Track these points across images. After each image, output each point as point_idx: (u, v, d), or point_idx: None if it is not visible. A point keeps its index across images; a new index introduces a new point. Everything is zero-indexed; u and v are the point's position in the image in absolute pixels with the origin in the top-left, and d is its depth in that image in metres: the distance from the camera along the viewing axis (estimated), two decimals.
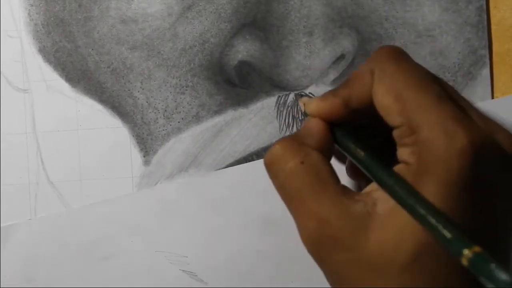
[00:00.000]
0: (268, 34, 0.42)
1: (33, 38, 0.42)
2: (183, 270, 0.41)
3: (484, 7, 0.43)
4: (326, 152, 0.32)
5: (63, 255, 0.41)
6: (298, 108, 0.42)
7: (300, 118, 0.42)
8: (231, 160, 0.42)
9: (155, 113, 0.42)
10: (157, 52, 0.42)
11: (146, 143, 0.42)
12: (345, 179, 0.34)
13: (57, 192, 0.42)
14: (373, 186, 0.30)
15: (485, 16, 0.43)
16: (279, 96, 0.42)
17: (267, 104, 0.42)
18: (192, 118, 0.42)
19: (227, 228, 0.40)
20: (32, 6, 0.42)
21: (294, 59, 0.42)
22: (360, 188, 0.35)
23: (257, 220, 0.41)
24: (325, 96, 0.32)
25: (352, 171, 0.35)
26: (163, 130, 0.42)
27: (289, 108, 0.42)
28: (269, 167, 0.31)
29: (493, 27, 0.43)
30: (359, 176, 0.35)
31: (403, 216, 0.28)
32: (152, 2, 0.42)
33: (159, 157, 0.42)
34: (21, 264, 0.40)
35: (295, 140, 0.31)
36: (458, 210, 0.27)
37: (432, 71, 0.42)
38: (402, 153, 0.29)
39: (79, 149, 0.42)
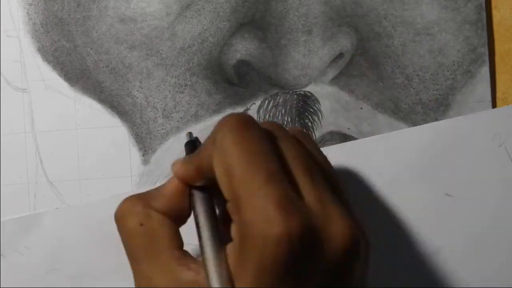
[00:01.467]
0: (266, 33, 0.42)
1: (32, 38, 0.42)
2: None
3: (483, 5, 0.43)
4: (175, 216, 0.32)
5: (89, 246, 0.40)
6: (283, 110, 0.42)
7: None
8: None
9: (154, 112, 0.42)
10: (156, 51, 0.42)
11: (145, 142, 0.42)
12: None
13: (56, 191, 0.42)
14: None
15: (484, 14, 0.43)
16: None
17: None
18: (191, 117, 0.42)
19: None
20: (30, 5, 0.42)
21: (293, 58, 0.42)
22: None
23: None
24: (183, 161, 0.32)
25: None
26: (162, 129, 0.42)
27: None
28: (116, 222, 0.32)
29: (493, 27, 0.43)
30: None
31: None
32: (151, 2, 0.42)
33: (158, 156, 0.42)
34: (46, 254, 0.40)
35: (141, 200, 0.32)
36: None
37: (431, 69, 0.42)
38: (232, 228, 0.29)
39: (78, 149, 0.42)
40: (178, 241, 0.31)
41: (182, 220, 0.33)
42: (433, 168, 0.42)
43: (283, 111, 0.42)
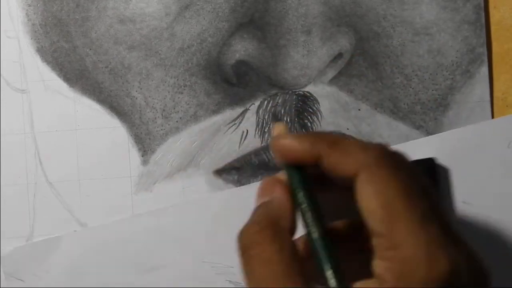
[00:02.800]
0: (265, 33, 0.42)
1: (31, 38, 0.42)
2: (230, 281, 0.40)
3: (482, 5, 0.43)
4: (295, 231, 0.30)
5: (109, 267, 0.40)
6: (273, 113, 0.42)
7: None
8: (229, 160, 0.42)
9: (153, 112, 0.42)
10: (155, 52, 0.42)
11: (145, 143, 0.42)
12: None
13: (55, 192, 0.42)
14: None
15: (483, 14, 0.43)
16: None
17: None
18: (190, 117, 0.42)
19: None
20: (30, 6, 0.42)
21: (292, 58, 0.42)
22: None
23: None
24: (303, 139, 0.31)
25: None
26: (161, 129, 0.42)
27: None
28: (244, 249, 0.30)
29: (493, 27, 0.43)
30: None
31: None
32: (150, 2, 0.42)
33: (158, 156, 0.42)
34: (66, 277, 0.40)
35: (272, 223, 0.30)
36: None
37: (430, 69, 0.42)
38: (378, 265, 0.28)
39: (77, 149, 0.42)
40: (302, 265, 0.29)
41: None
42: (451, 176, 0.42)
43: (282, 111, 0.42)
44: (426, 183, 0.29)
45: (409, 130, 0.42)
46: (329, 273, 0.28)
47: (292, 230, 0.30)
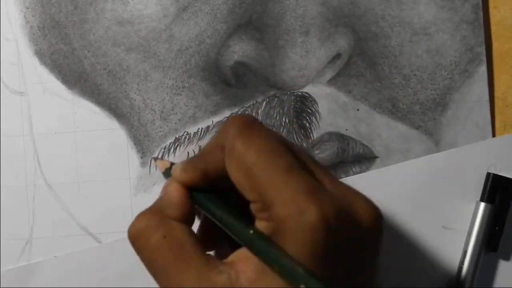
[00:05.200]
0: (264, 34, 0.42)
1: (29, 41, 0.42)
2: None
3: (480, 4, 0.43)
4: (188, 220, 0.32)
5: None
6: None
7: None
8: None
9: (152, 114, 0.42)
10: (153, 54, 0.42)
11: (143, 145, 0.42)
12: None
13: (54, 194, 0.42)
14: (236, 255, 0.30)
15: (481, 14, 0.43)
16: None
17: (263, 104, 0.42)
18: (189, 119, 0.42)
19: None
20: (28, 8, 0.42)
21: (290, 58, 0.42)
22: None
23: None
24: (185, 166, 0.32)
25: (203, 233, 0.35)
26: (160, 131, 0.42)
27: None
28: (133, 241, 0.31)
29: (493, 27, 0.43)
30: (211, 239, 0.35)
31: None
32: (148, 4, 0.42)
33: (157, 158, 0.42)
34: None
35: (157, 212, 0.31)
36: None
37: (429, 69, 0.42)
38: (259, 225, 0.29)
39: (76, 151, 0.42)
40: (201, 247, 0.31)
41: (191, 225, 0.32)
42: (430, 201, 0.42)
43: (280, 112, 0.42)
44: (284, 141, 0.31)
45: (408, 130, 0.42)
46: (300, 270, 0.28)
47: (180, 217, 0.31)
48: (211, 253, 0.33)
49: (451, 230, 0.42)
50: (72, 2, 0.42)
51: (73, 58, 0.42)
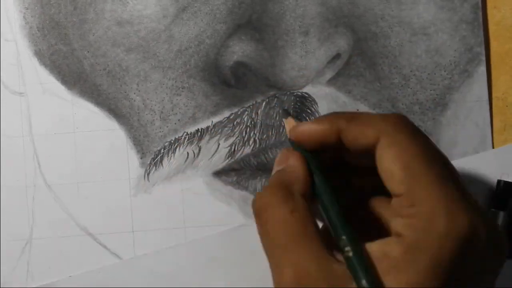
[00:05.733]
0: (263, 34, 0.42)
1: (29, 41, 0.42)
2: None
3: (480, 4, 0.43)
4: (310, 199, 0.31)
5: None
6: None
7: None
8: (228, 162, 0.42)
9: (151, 115, 0.42)
10: (152, 54, 0.42)
11: (143, 145, 0.42)
12: None
13: (54, 195, 0.42)
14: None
15: (480, 14, 0.43)
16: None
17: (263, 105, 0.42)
18: (189, 119, 0.42)
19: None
20: (27, 9, 0.42)
21: (290, 59, 0.42)
22: None
23: None
24: (321, 119, 0.32)
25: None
26: (160, 131, 0.42)
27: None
28: (257, 212, 0.31)
29: (493, 27, 0.43)
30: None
31: None
32: (148, 4, 0.42)
33: (156, 158, 0.42)
34: None
35: (285, 186, 0.31)
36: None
37: (428, 69, 0.42)
38: (397, 223, 0.29)
39: (76, 152, 0.42)
40: (320, 230, 0.30)
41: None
42: None
43: (280, 112, 0.42)
44: (439, 149, 0.31)
45: None
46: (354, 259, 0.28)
47: (305, 194, 0.31)
48: None
49: None
50: (71, 3, 0.42)
51: (73, 58, 0.42)
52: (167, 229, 0.42)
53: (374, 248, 0.28)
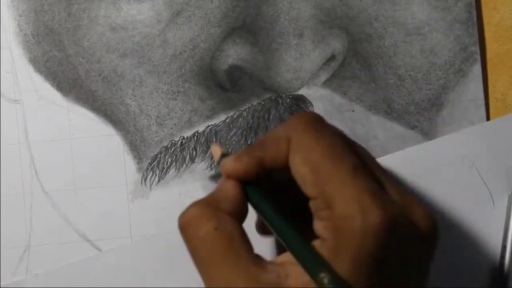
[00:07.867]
0: (258, 37, 0.42)
1: (23, 49, 0.42)
2: None
3: (473, 3, 0.43)
4: (241, 217, 0.31)
5: None
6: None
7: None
8: None
9: (147, 120, 0.42)
10: (147, 59, 0.42)
11: (140, 150, 0.42)
12: None
13: (51, 201, 0.42)
14: (287, 257, 0.29)
15: (474, 13, 0.43)
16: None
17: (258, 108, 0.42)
18: (185, 123, 0.42)
19: None
20: (21, 16, 0.42)
21: (285, 61, 0.42)
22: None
23: None
24: (240, 156, 0.32)
25: (260, 228, 0.35)
26: (156, 136, 0.42)
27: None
28: (183, 229, 0.31)
29: (492, 28, 0.43)
30: (267, 232, 0.35)
31: None
32: (141, 9, 0.42)
33: (153, 163, 0.42)
34: None
35: (211, 204, 0.31)
36: (369, 285, 0.27)
37: (423, 69, 0.42)
38: (317, 226, 0.29)
39: (73, 158, 0.42)
40: (250, 244, 0.30)
41: (242, 222, 0.32)
42: (464, 197, 0.42)
43: (276, 115, 0.42)
44: (351, 142, 0.31)
45: (404, 131, 0.42)
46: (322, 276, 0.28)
47: (234, 212, 0.31)
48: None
49: (487, 225, 0.42)
50: (65, 9, 0.42)
51: (68, 65, 0.42)
52: (165, 233, 0.41)
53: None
